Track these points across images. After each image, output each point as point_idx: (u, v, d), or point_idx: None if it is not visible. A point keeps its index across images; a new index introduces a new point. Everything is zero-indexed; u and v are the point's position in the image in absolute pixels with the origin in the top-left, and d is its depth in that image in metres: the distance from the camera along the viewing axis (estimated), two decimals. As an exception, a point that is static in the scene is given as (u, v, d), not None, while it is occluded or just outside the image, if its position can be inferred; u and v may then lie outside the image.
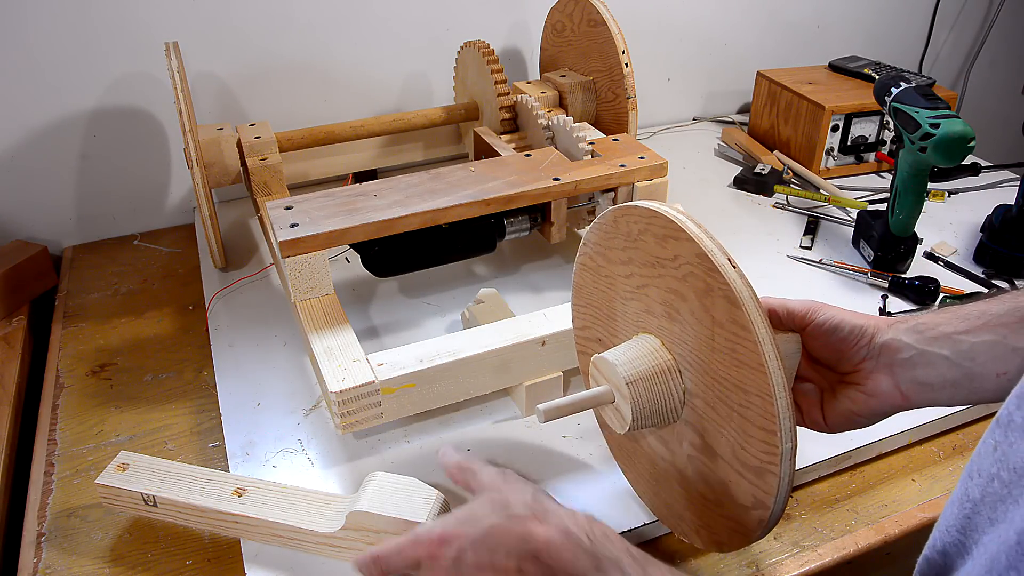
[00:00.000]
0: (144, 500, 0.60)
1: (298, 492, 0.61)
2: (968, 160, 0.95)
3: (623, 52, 0.99)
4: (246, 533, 0.60)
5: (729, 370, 0.47)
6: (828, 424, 0.55)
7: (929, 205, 1.12)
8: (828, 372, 0.56)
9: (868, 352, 0.53)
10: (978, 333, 0.49)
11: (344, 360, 0.67)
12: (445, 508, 0.58)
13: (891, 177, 0.99)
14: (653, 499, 0.61)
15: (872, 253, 0.96)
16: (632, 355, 0.53)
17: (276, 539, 0.59)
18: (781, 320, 0.55)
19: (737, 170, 1.22)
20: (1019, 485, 0.33)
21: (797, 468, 0.66)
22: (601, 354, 0.55)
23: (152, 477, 0.61)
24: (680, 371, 0.52)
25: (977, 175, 1.14)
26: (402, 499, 0.57)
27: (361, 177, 1.14)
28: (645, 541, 0.63)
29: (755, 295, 0.45)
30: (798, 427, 0.56)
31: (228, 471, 0.68)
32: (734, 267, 0.46)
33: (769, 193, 1.15)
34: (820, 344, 0.54)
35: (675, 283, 0.50)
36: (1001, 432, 0.35)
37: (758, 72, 1.29)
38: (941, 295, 0.91)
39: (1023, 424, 0.34)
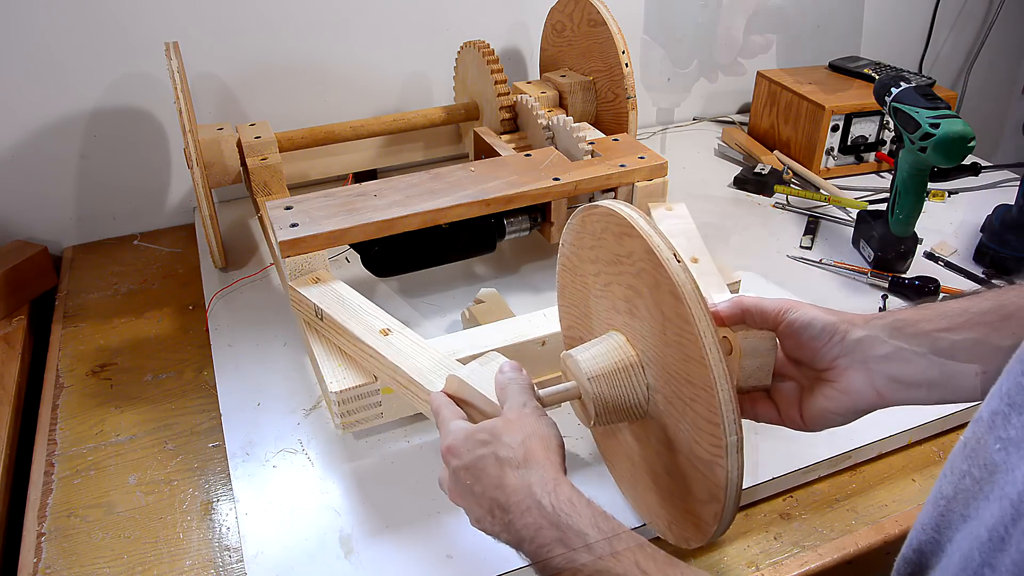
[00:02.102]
0: (316, 313, 0.69)
1: (430, 352, 0.64)
2: (968, 160, 0.95)
3: (623, 52, 0.99)
4: (377, 371, 0.66)
5: (680, 364, 0.47)
6: (805, 422, 0.55)
7: (929, 205, 1.12)
8: (808, 370, 0.55)
9: (841, 349, 0.52)
10: (959, 331, 0.48)
11: (344, 360, 0.67)
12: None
13: (891, 177, 0.99)
14: (634, 497, 0.62)
15: (872, 253, 0.96)
16: (595, 352, 0.54)
17: (396, 384, 0.65)
18: (755, 319, 0.55)
19: (737, 170, 1.22)
20: (989, 481, 0.32)
21: (797, 468, 0.66)
22: (568, 351, 0.56)
23: (330, 297, 0.71)
24: (643, 367, 0.53)
25: (977, 175, 1.14)
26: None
27: (361, 177, 1.14)
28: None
29: (698, 289, 0.45)
30: (786, 427, 0.56)
31: (228, 471, 0.68)
32: (679, 261, 0.46)
33: (769, 193, 1.15)
34: (793, 343, 0.54)
35: (632, 279, 0.51)
36: (971, 429, 0.34)
37: (758, 72, 1.29)
38: (941, 295, 0.91)
39: (989, 420, 0.33)
